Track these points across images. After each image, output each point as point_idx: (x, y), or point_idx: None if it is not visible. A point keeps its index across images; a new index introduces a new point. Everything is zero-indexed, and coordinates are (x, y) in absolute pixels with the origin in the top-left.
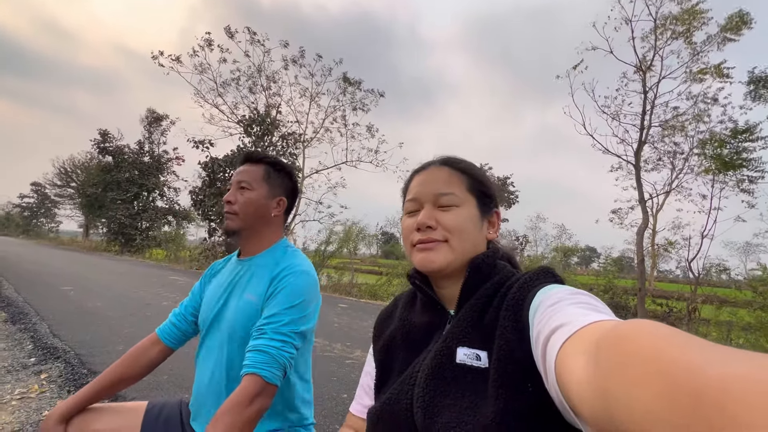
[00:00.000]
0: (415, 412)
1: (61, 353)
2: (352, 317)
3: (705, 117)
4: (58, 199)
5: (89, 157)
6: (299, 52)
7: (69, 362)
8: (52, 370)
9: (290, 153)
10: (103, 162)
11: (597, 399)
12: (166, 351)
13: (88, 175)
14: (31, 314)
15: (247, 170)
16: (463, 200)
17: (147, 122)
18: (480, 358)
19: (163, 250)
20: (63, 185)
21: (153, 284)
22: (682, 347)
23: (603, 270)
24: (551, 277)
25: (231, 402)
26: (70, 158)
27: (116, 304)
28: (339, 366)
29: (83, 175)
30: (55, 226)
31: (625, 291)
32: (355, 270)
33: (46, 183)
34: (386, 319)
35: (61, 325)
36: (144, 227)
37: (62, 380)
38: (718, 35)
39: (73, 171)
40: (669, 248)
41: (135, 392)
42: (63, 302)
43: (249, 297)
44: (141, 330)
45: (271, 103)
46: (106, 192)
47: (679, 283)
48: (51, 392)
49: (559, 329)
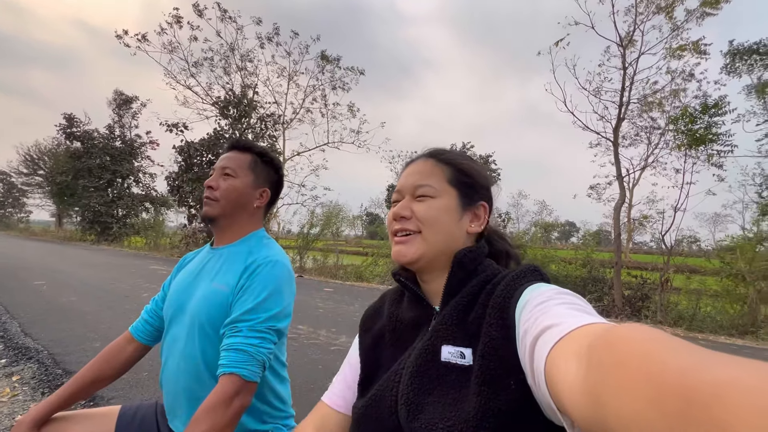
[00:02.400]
0: (399, 409)
1: (34, 353)
2: (338, 301)
3: (681, 93)
4: (25, 188)
5: (56, 143)
6: (273, 30)
7: (42, 362)
8: (25, 371)
9: (270, 135)
10: (71, 148)
11: (588, 402)
12: (142, 349)
13: (56, 162)
14: (1, 312)
15: (233, 157)
16: (441, 192)
17: (116, 105)
18: (464, 356)
19: (142, 237)
20: (30, 173)
21: (132, 275)
22: (673, 352)
23: (582, 244)
24: (538, 275)
25: (210, 403)
26: (36, 144)
27: (92, 298)
28: (324, 353)
29: (51, 162)
30: (25, 216)
31: (602, 264)
32: (341, 252)
33: (11, 171)
34: (374, 315)
35: (33, 323)
36: (120, 215)
37: (36, 382)
38: (698, 9)
39: (40, 158)
40: (644, 222)
41: (114, 391)
42: (35, 298)
43: (217, 286)
44: (119, 325)
45: (247, 84)
46: (76, 179)
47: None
48: (24, 395)
49: (548, 330)
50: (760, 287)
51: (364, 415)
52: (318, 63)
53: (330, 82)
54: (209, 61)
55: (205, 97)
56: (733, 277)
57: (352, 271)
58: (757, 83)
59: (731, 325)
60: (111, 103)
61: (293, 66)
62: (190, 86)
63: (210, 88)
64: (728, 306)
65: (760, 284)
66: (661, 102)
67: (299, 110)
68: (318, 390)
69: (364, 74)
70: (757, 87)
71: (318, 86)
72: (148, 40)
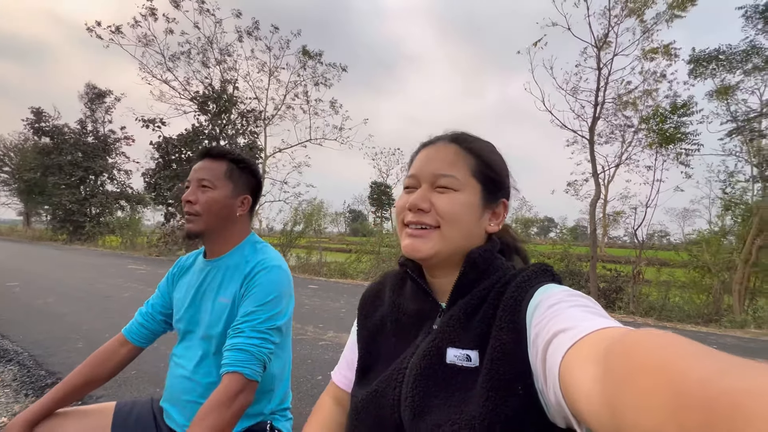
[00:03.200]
0: (402, 410)
1: (13, 355)
2: (323, 298)
3: (654, 93)
4: None
5: (23, 139)
6: (253, 24)
7: (23, 364)
8: (5, 374)
9: (250, 131)
10: (40, 144)
11: (605, 410)
12: (136, 350)
13: (23, 158)
14: None
15: (208, 167)
16: (465, 185)
17: (88, 99)
18: (470, 359)
19: (118, 236)
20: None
21: (111, 275)
22: (692, 358)
23: (560, 239)
24: (549, 275)
25: (213, 401)
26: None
27: (70, 299)
28: (312, 348)
29: (18, 159)
30: None
31: (579, 258)
32: (324, 249)
33: None
34: (374, 299)
35: (9, 325)
36: (94, 213)
37: (18, 384)
38: (667, 12)
39: (6, 154)
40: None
41: (102, 390)
42: (9, 300)
43: (223, 300)
44: (103, 325)
45: (226, 78)
46: (46, 176)
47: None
48: (6, 397)
49: (561, 333)
50: (724, 278)
51: (364, 408)
52: (299, 58)
53: (312, 77)
54: (186, 55)
55: (183, 92)
56: (699, 269)
57: (336, 268)
58: (719, 86)
59: (697, 314)
60: (83, 97)
61: (274, 61)
62: (166, 80)
63: (188, 83)
64: (695, 296)
65: (724, 275)
66: (634, 101)
67: (281, 106)
68: (307, 383)
69: (347, 71)
70: (719, 90)
71: (300, 82)
72: (122, 32)
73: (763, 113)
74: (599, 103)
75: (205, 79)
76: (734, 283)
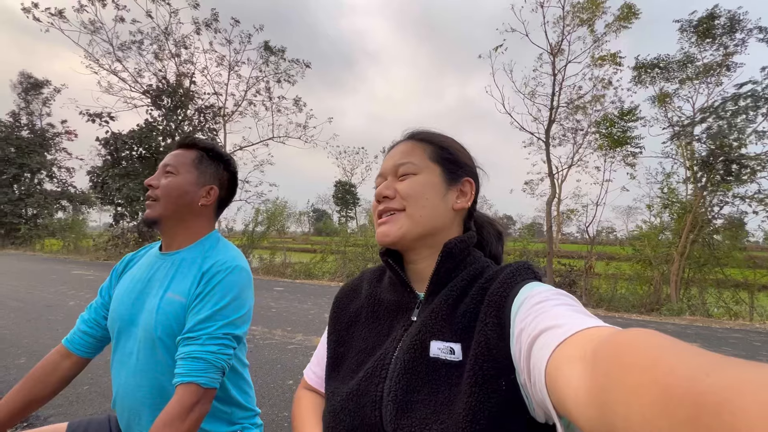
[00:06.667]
0: (384, 406)
1: None
2: (290, 300)
3: (602, 98)
4: None
5: None
6: (212, 16)
7: None
8: None
9: (209, 128)
10: None
11: (594, 406)
12: (81, 362)
13: None
14: None
15: (177, 154)
16: (422, 168)
17: (22, 89)
18: (454, 352)
19: (59, 239)
20: None
21: (53, 281)
22: (679, 357)
23: (519, 237)
24: (531, 273)
25: (167, 415)
26: None
27: (6, 309)
28: (281, 352)
29: None
30: None
31: (537, 254)
32: (288, 249)
33: None
34: (350, 294)
35: None
36: (30, 215)
37: None
38: (614, 23)
39: None
40: (571, 215)
41: (52, 409)
42: None
43: (173, 296)
44: (46, 338)
45: (182, 72)
46: None
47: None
48: None
49: (548, 331)
50: (663, 270)
51: (343, 409)
52: (261, 54)
53: (275, 74)
54: (138, 45)
55: (134, 85)
56: (642, 262)
57: (301, 269)
58: (659, 93)
59: (641, 304)
60: (16, 87)
61: (234, 55)
62: (115, 71)
63: (140, 75)
64: (639, 287)
65: (663, 268)
66: (585, 106)
67: (241, 102)
68: (278, 388)
69: (311, 67)
70: (658, 96)
71: (262, 78)
72: (64, 16)
73: (695, 121)
74: (554, 107)
75: (158, 72)
76: (671, 275)
